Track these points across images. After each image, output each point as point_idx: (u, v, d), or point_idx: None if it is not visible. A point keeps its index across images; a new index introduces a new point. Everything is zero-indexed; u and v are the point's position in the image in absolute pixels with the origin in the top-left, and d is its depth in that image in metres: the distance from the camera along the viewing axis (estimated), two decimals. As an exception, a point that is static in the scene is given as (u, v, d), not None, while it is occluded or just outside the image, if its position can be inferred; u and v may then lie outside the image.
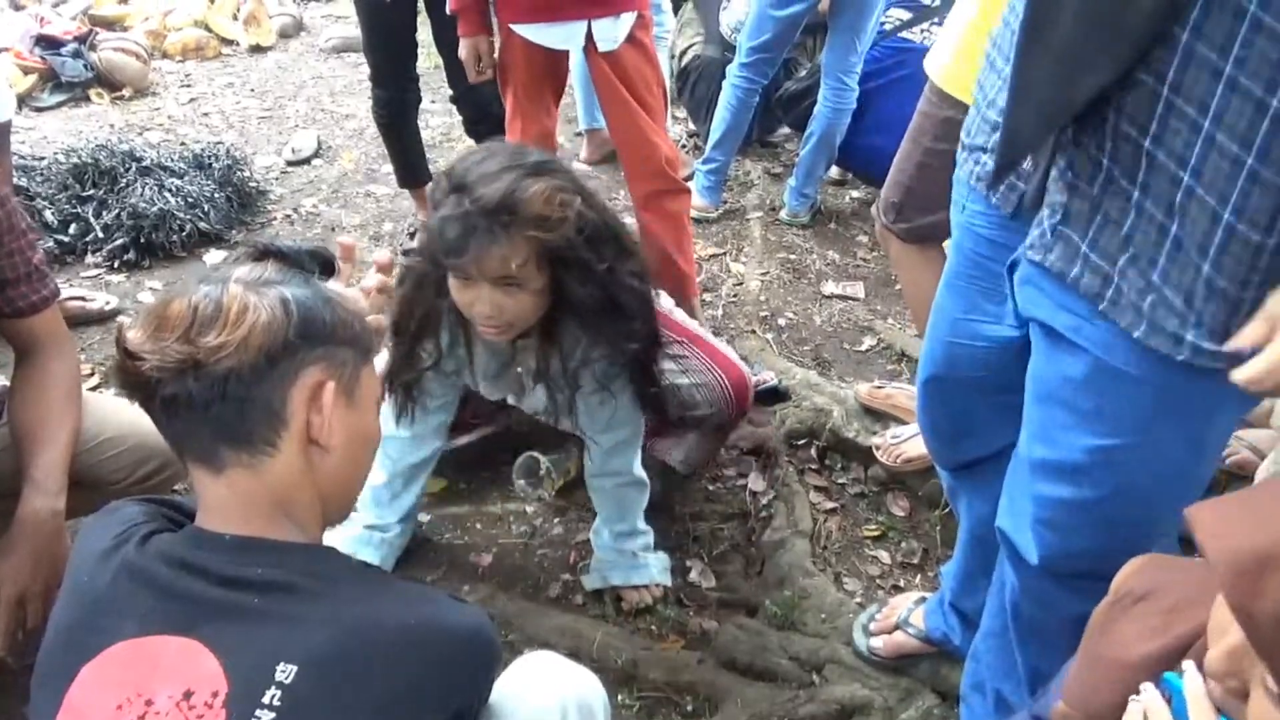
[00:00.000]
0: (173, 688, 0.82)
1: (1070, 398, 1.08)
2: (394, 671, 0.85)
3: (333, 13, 5.72)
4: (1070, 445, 1.10)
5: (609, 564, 1.86)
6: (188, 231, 2.98)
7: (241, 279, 0.91)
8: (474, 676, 0.94)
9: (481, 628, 0.93)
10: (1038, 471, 1.16)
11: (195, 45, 4.81)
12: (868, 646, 1.73)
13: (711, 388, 1.89)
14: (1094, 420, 1.07)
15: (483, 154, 1.44)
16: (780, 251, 3.27)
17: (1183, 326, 0.95)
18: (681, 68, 4.02)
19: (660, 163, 2.29)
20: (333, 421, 0.92)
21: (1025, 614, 1.26)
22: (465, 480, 2.17)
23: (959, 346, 1.31)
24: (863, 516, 2.15)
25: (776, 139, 4.09)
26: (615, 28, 2.20)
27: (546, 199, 1.37)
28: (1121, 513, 1.11)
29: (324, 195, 3.44)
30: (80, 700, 0.84)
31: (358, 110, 4.21)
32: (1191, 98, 0.86)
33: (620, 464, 1.82)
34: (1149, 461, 1.07)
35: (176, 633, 0.85)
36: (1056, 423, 1.11)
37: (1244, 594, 0.63)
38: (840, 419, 2.31)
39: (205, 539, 0.91)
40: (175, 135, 3.84)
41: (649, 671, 1.70)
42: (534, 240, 1.38)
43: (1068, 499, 1.13)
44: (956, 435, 1.45)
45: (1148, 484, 1.08)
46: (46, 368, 1.48)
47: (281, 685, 0.82)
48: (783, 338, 2.79)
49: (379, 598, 0.91)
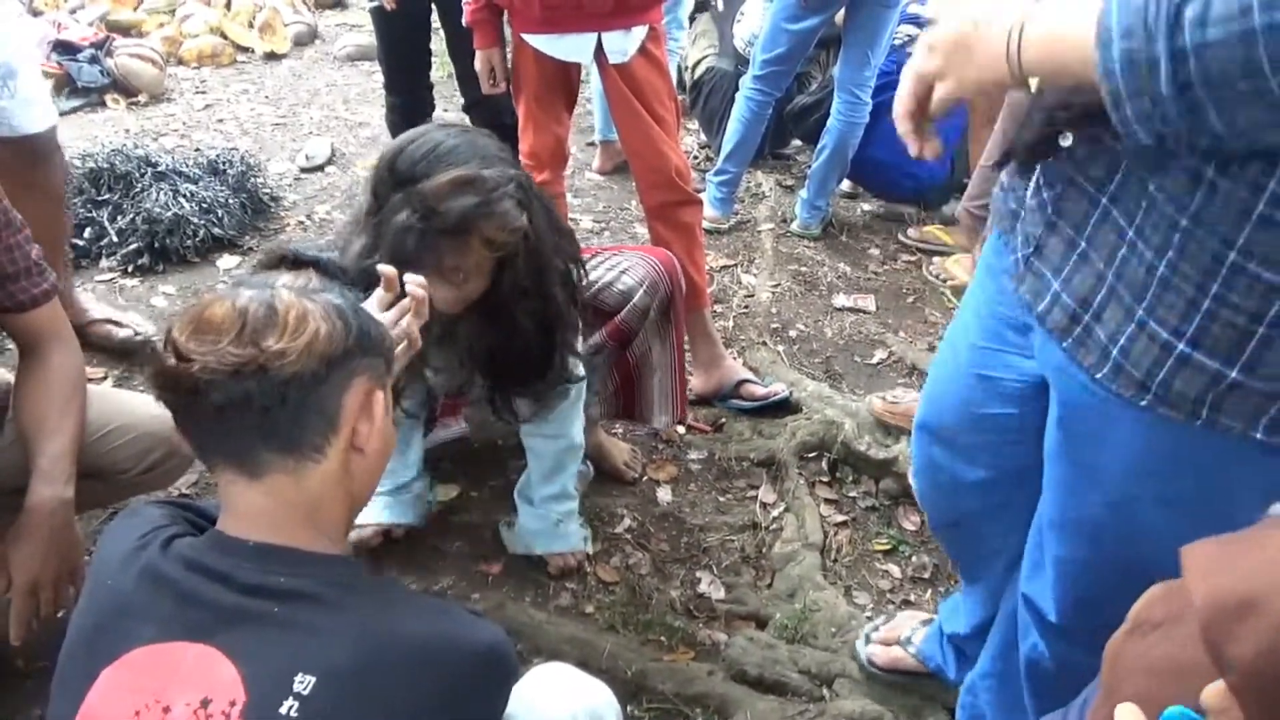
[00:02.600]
0: (190, 695, 0.83)
1: (1082, 453, 1.03)
2: (411, 685, 0.86)
3: (347, 21, 5.75)
4: (1081, 502, 1.05)
5: (532, 532, 1.93)
6: (201, 237, 2.98)
7: (288, 285, 0.92)
8: (490, 692, 0.94)
9: (498, 644, 0.93)
10: (1053, 531, 1.11)
11: (211, 52, 4.83)
12: (867, 654, 1.73)
13: (638, 266, 1.96)
14: (1110, 474, 1.01)
15: (426, 147, 1.44)
16: (791, 264, 3.27)
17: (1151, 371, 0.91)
18: (695, 80, 4.03)
19: (670, 173, 2.29)
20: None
21: (1043, 670, 1.22)
22: (476, 489, 2.17)
23: (984, 379, 1.23)
24: (873, 530, 2.15)
25: (788, 151, 4.09)
26: (626, 41, 2.21)
27: (500, 226, 1.44)
28: (1137, 565, 1.01)
29: (337, 202, 3.45)
30: (98, 704, 0.84)
31: (371, 118, 4.23)
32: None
33: (559, 426, 1.85)
34: (1165, 520, 0.99)
35: (195, 639, 0.85)
36: (1066, 480, 1.07)
37: (1219, 635, 0.62)
38: (851, 432, 2.31)
39: (228, 544, 0.91)
40: (190, 141, 3.86)
41: (658, 683, 1.69)
42: (485, 252, 1.47)
43: (1085, 558, 1.07)
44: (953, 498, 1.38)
45: (1166, 538, 0.96)
46: (49, 361, 1.49)
47: (300, 696, 0.82)
48: (794, 350, 2.79)
49: (398, 611, 0.92)
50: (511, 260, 1.50)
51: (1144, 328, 0.90)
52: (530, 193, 1.51)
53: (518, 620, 1.80)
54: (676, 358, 2.10)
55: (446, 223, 1.39)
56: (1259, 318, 0.84)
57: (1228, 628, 0.61)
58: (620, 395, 2.12)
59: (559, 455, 1.90)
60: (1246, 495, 0.96)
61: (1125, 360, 0.92)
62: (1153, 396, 0.91)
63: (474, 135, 1.51)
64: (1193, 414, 0.90)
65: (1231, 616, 0.61)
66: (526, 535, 1.94)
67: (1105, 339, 0.93)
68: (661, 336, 2.05)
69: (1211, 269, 0.84)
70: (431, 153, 1.43)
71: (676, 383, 2.13)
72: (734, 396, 2.47)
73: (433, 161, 1.42)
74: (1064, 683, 1.19)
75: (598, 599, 1.90)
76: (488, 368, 1.71)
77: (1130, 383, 0.93)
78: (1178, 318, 0.87)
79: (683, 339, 2.14)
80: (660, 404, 2.13)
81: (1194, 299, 0.86)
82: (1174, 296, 0.87)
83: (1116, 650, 0.94)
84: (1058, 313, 0.98)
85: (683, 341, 2.14)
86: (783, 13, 3.06)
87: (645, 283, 1.94)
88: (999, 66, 0.86)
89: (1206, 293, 0.85)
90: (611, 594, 1.91)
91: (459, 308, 1.55)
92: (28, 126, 2.10)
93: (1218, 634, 0.62)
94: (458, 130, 1.51)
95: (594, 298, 1.92)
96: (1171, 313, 0.88)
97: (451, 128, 1.52)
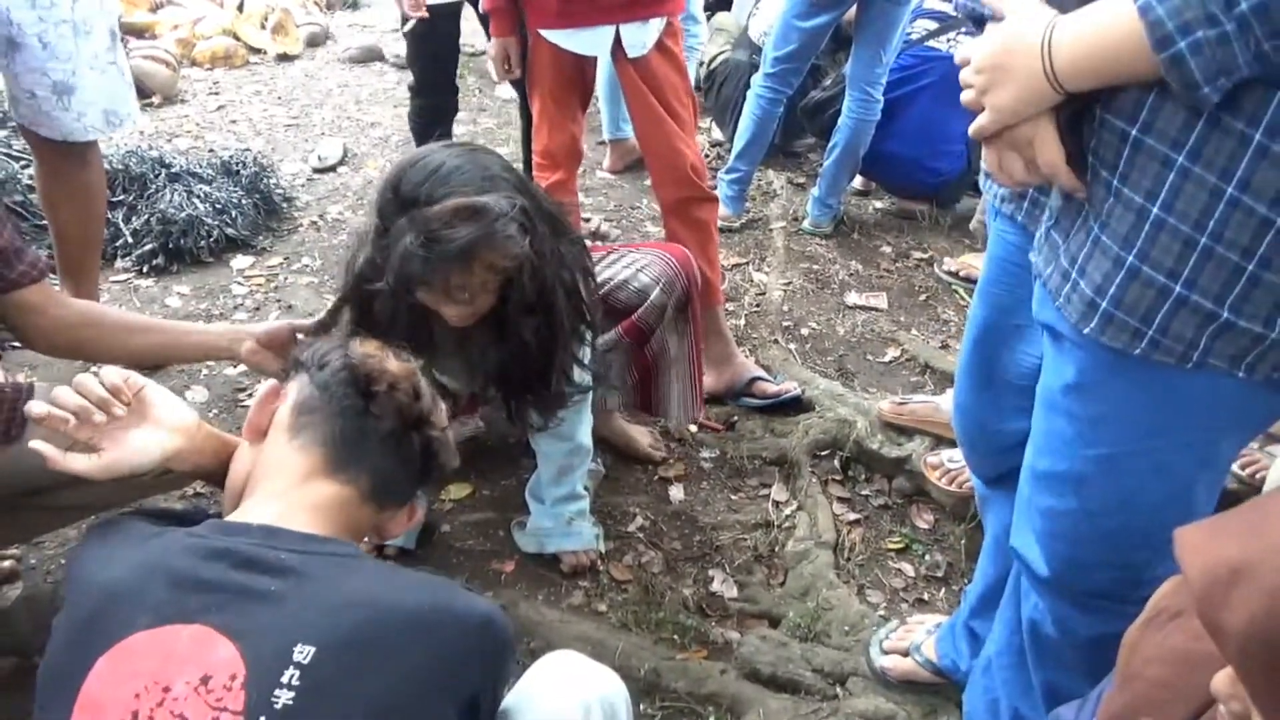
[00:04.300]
0: (190, 674, 0.84)
1: (1071, 405, 1.07)
2: (409, 654, 0.88)
3: (359, 22, 5.78)
4: (1074, 455, 1.09)
5: (545, 530, 1.94)
6: (215, 237, 3.00)
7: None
8: (486, 663, 0.96)
9: (494, 616, 0.96)
10: (1041, 482, 1.15)
11: (224, 54, 4.86)
12: (880, 666, 1.72)
13: (654, 263, 1.96)
14: (1096, 427, 1.05)
15: (430, 168, 1.46)
16: (803, 261, 3.26)
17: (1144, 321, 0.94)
18: (709, 71, 4.04)
19: (686, 170, 2.29)
20: None
21: (1043, 634, 1.24)
22: (489, 487, 2.17)
23: (1002, 353, 1.33)
24: (886, 529, 2.14)
25: (799, 149, 4.09)
26: (644, 33, 2.21)
27: (502, 254, 1.45)
28: (1127, 526, 1.09)
29: (349, 202, 3.46)
30: (97, 692, 0.85)
31: (383, 118, 4.24)
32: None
33: (566, 429, 1.85)
34: (1154, 471, 1.04)
35: (188, 621, 0.86)
36: (1057, 432, 1.10)
37: (1213, 606, 0.62)
38: (864, 430, 2.30)
39: (230, 527, 0.95)
40: (203, 142, 3.88)
41: (671, 681, 1.69)
42: (489, 275, 1.50)
43: (1072, 510, 1.11)
44: (991, 446, 1.44)
45: (1154, 495, 1.06)
46: (74, 303, 1.55)
47: (300, 665, 0.84)
48: (805, 348, 2.79)
49: (396, 584, 0.96)
50: (517, 279, 1.52)
51: (1137, 275, 0.92)
52: (533, 215, 1.51)
53: (530, 618, 1.81)
54: (695, 354, 2.10)
55: (449, 250, 1.40)
56: (1250, 253, 0.87)
57: (1221, 597, 0.61)
58: (639, 389, 2.12)
59: (567, 457, 1.90)
60: (1227, 437, 1.04)
61: (1117, 309, 0.95)
62: (1148, 343, 0.95)
63: (478, 154, 1.52)
64: (1184, 357, 0.94)
65: (1224, 585, 0.61)
66: (539, 533, 1.95)
67: (1092, 293, 0.96)
68: (679, 333, 2.05)
69: (1209, 205, 0.86)
70: (434, 174, 1.44)
71: (695, 379, 2.13)
72: (746, 394, 2.47)
73: (435, 183, 1.43)
74: (1066, 651, 1.22)
75: (610, 597, 1.90)
76: (499, 379, 1.72)
77: (1123, 332, 0.95)
78: (1174, 259, 0.90)
79: (700, 336, 2.13)
80: (677, 400, 2.12)
81: (1190, 238, 0.88)
82: (1168, 238, 0.89)
83: (1134, 640, 0.94)
84: (1056, 275, 1.02)
85: (700, 338, 2.14)
86: (794, 10, 3.05)
87: (662, 280, 1.94)
88: (1037, 81, 0.89)
89: (1204, 230, 0.87)
90: (624, 592, 1.92)
91: (469, 322, 1.57)
92: (78, 135, 2.15)
93: (1212, 605, 0.62)
94: (461, 149, 1.52)
95: (610, 295, 1.92)
96: (1167, 255, 0.90)
97: (455, 146, 1.53)
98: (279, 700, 0.82)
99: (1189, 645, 0.87)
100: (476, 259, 1.44)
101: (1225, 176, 0.85)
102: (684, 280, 1.98)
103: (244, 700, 0.82)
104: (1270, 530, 0.62)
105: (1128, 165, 0.91)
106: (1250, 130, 0.83)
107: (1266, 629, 0.59)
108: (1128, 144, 0.90)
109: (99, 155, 2.31)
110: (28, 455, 1.46)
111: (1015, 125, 0.94)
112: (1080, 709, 1.02)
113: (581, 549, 1.94)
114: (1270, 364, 0.92)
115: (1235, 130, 0.83)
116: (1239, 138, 0.83)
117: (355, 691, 0.85)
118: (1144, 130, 0.89)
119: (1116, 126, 0.91)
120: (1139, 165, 0.90)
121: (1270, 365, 0.93)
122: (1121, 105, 0.89)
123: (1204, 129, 0.85)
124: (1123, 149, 0.91)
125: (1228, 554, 0.62)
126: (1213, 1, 0.76)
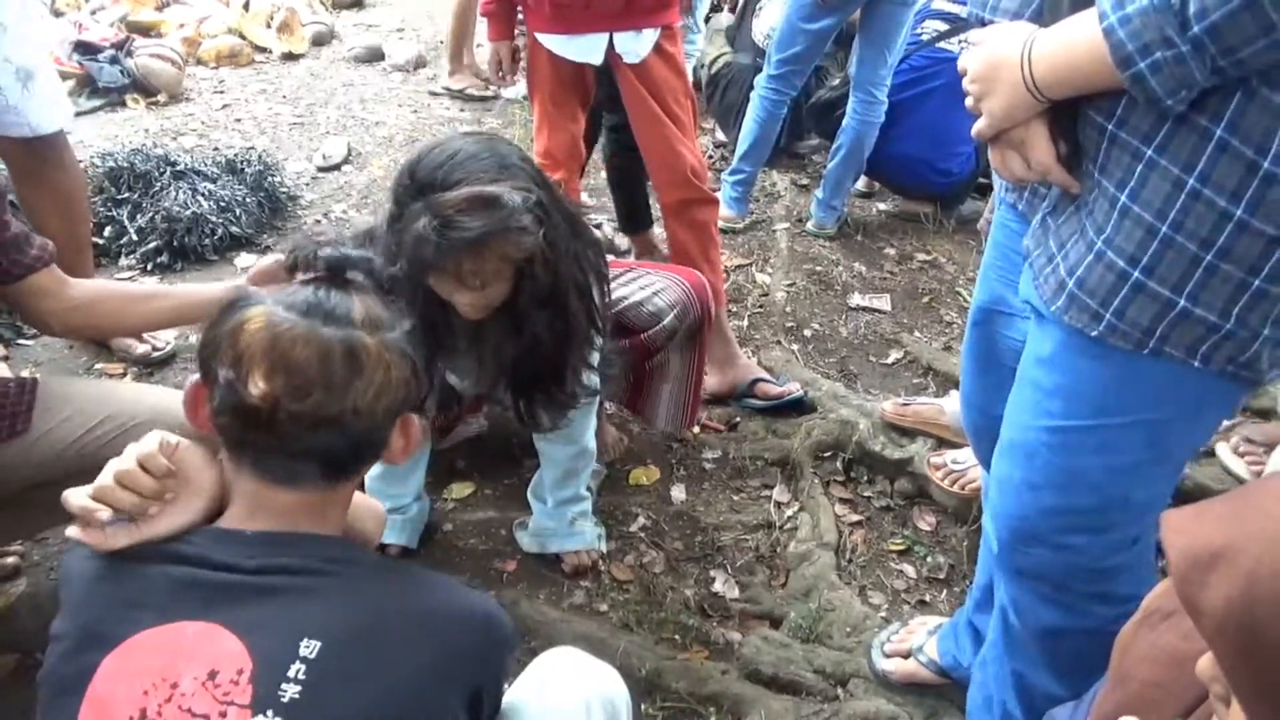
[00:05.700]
0: (197, 669, 0.84)
1: (1038, 376, 1.11)
2: (414, 650, 0.89)
3: (364, 21, 5.78)
4: (1027, 425, 1.13)
5: (548, 531, 1.95)
6: (220, 235, 3.01)
7: (363, 322, 0.95)
8: (488, 658, 0.96)
9: (496, 612, 0.97)
10: (1001, 453, 1.18)
11: (229, 52, 4.86)
12: (881, 669, 1.72)
13: (671, 289, 1.96)
14: (1052, 399, 1.09)
15: (446, 154, 1.46)
16: (806, 263, 3.26)
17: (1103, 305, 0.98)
18: (712, 74, 4.03)
19: (686, 172, 2.29)
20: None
21: (1009, 623, 1.28)
22: (491, 487, 2.18)
23: (998, 336, 1.36)
24: (888, 530, 2.14)
25: (803, 150, 4.09)
26: (638, 41, 2.21)
27: (515, 245, 1.45)
28: (1065, 505, 1.12)
29: (354, 201, 3.47)
30: (105, 691, 0.85)
31: (387, 117, 4.25)
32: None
33: (571, 433, 1.85)
34: (1099, 449, 1.07)
35: (195, 618, 0.87)
36: (1023, 402, 1.14)
37: (1192, 587, 0.63)
38: (866, 432, 2.30)
39: (227, 535, 0.94)
40: (208, 140, 3.88)
41: (672, 682, 1.69)
42: (502, 264, 1.49)
43: (1016, 482, 1.15)
44: (994, 432, 1.46)
45: (1097, 475, 1.09)
46: (81, 286, 1.53)
47: (306, 660, 0.84)
48: (809, 349, 2.79)
49: (398, 582, 0.97)
50: (530, 270, 1.52)
51: (1101, 258, 0.97)
52: (550, 208, 1.50)
53: (532, 618, 1.81)
54: (694, 373, 2.11)
55: (462, 236, 1.40)
56: (1209, 244, 0.91)
57: (1200, 579, 0.62)
58: (632, 391, 2.13)
59: (572, 461, 1.90)
60: (1179, 425, 1.07)
61: (1080, 290, 0.99)
62: (1105, 327, 0.98)
63: (495, 142, 1.52)
64: (1140, 343, 0.98)
65: (1203, 567, 0.63)
66: (541, 534, 1.95)
67: (1065, 274, 1.01)
68: (683, 354, 2.06)
69: (1171, 195, 0.91)
70: (451, 159, 1.44)
71: (690, 397, 2.14)
72: (748, 395, 2.47)
73: (451, 168, 1.43)
74: (1030, 642, 1.25)
75: (612, 597, 1.90)
76: (511, 375, 1.72)
77: (1083, 313, 1.00)
78: (1135, 245, 0.94)
79: (704, 360, 2.14)
80: (666, 410, 2.14)
81: (1151, 226, 0.93)
82: (1132, 225, 0.94)
83: (1127, 640, 0.95)
84: (1042, 258, 1.06)
85: (704, 362, 2.14)
86: (798, 12, 3.05)
87: (676, 307, 1.94)
88: (1020, 90, 0.95)
89: (1165, 219, 0.92)
90: (626, 593, 1.92)
91: (482, 313, 1.56)
92: (45, 126, 2.14)
93: (1190, 586, 0.63)
94: (481, 139, 1.53)
95: (623, 314, 1.92)
96: (1129, 241, 0.94)
97: (474, 135, 1.53)
98: (286, 694, 0.83)
99: (1181, 645, 0.87)
100: (489, 247, 1.44)
101: (1188, 169, 0.89)
102: (698, 309, 1.98)
103: (251, 694, 0.83)
104: (1253, 516, 0.63)
105: (1105, 157, 0.96)
106: (1213, 126, 0.87)
107: (1243, 612, 0.60)
108: (1105, 137, 0.95)
109: (72, 155, 2.28)
110: (34, 449, 1.47)
111: (1009, 128, 0.99)
112: (1074, 710, 1.02)
113: (583, 549, 1.94)
114: (1225, 355, 0.96)
115: (1199, 126, 0.88)
116: (1202, 133, 0.88)
117: (361, 686, 0.85)
118: (1119, 125, 0.94)
119: (1097, 122, 0.96)
120: (1114, 157, 0.95)
121: (1225, 356, 0.96)
122: (1101, 102, 0.94)
123: (1172, 124, 0.90)
124: (1101, 142, 0.96)
125: (1210, 537, 0.63)
126: (1169, 25, 0.81)
